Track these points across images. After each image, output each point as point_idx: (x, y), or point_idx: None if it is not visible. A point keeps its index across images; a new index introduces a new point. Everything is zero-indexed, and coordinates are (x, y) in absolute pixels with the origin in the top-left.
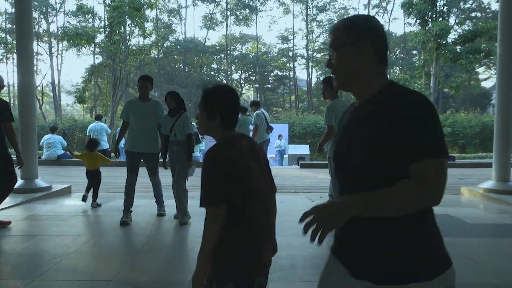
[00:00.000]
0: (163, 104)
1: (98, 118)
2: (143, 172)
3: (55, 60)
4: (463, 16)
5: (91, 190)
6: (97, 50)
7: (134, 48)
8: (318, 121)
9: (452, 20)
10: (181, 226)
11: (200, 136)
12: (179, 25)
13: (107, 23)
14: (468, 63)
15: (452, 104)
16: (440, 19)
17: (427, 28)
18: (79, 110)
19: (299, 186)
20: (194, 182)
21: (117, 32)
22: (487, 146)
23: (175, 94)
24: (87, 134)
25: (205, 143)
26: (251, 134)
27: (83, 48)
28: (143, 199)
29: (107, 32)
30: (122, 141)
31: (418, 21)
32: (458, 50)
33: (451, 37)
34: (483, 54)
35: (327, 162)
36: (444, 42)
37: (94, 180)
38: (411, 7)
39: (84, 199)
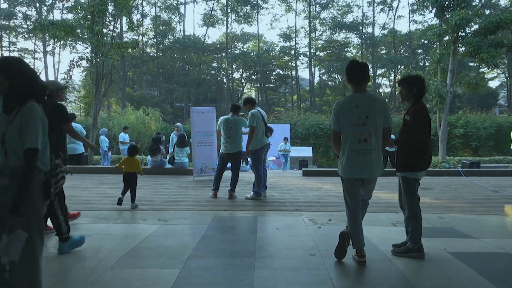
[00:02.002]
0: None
1: (71, 117)
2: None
3: (50, 58)
4: (470, 13)
5: (124, 194)
6: (84, 44)
7: (119, 40)
8: (322, 121)
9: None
10: None
11: (186, 138)
12: (178, 23)
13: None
14: (490, 57)
15: (458, 104)
16: (458, 9)
17: (443, 19)
18: (76, 110)
19: (302, 201)
20: None
21: (99, 22)
22: (502, 149)
23: (10, 61)
24: None
25: (194, 146)
26: (245, 138)
27: (62, 40)
28: None
29: (88, 23)
30: (106, 143)
31: (433, 10)
32: (478, 43)
33: (468, 29)
34: (506, 48)
35: (332, 169)
36: (463, 34)
37: (130, 182)
38: None
39: (119, 202)
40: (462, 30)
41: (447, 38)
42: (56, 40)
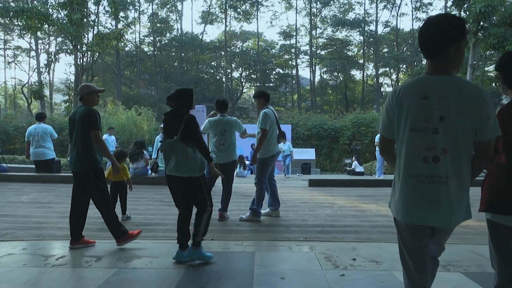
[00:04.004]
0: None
1: (40, 118)
2: None
3: (45, 56)
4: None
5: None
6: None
7: (104, 31)
8: (325, 122)
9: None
10: None
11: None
12: (176, 21)
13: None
14: None
15: None
16: None
17: (464, 8)
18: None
19: (311, 224)
20: None
21: (78, 10)
22: None
23: None
24: (25, 139)
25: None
26: (241, 143)
27: (38, 31)
28: None
29: (66, 11)
30: None
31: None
32: (503, 34)
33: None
34: None
35: (342, 177)
36: (485, 25)
37: (120, 192)
38: None
39: None
40: (484, 20)
41: (467, 29)
42: (31, 31)
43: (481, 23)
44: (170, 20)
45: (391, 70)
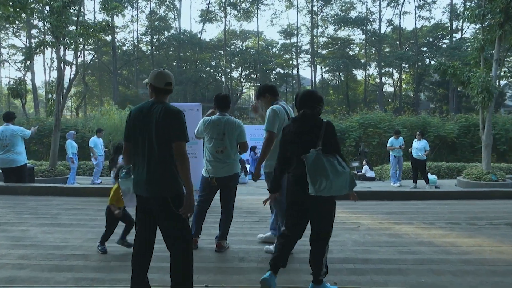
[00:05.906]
0: None
1: (8, 118)
2: None
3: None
4: None
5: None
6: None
7: (88, 22)
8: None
9: None
10: None
11: None
12: (174, 20)
13: None
14: None
15: (464, 103)
16: None
17: None
18: (69, 109)
19: (337, 257)
20: None
21: None
22: None
23: None
24: None
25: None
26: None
27: (15, 20)
28: None
29: None
30: (74, 149)
31: None
32: None
33: None
34: None
35: (360, 187)
36: None
37: (115, 220)
38: None
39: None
40: None
41: (493, 21)
42: (9, 22)
43: (509, 13)
44: (169, 19)
45: (393, 71)
